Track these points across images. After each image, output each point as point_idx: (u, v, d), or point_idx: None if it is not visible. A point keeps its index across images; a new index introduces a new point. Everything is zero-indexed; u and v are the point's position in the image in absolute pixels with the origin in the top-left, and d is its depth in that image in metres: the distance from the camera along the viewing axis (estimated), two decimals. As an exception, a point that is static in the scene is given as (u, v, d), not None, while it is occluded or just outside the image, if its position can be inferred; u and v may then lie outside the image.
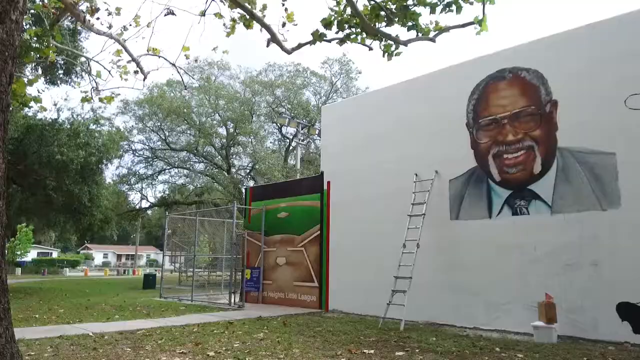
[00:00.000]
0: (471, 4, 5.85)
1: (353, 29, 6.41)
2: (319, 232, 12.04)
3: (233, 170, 28.31)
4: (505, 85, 9.06)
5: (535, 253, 8.21)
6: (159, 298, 14.59)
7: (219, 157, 28.06)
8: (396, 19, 6.06)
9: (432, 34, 6.14)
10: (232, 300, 12.18)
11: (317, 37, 6.41)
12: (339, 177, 11.84)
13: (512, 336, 7.85)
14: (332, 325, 8.83)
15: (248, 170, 28.83)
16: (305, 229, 12.42)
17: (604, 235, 7.52)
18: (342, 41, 6.53)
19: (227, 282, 14.30)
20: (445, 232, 9.47)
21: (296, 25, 6.74)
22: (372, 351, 6.40)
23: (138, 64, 8.00)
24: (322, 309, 11.47)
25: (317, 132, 26.11)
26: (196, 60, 9.92)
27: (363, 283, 10.53)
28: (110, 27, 7.66)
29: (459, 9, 5.86)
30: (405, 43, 6.30)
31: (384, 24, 6.21)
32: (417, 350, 6.53)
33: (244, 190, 17.49)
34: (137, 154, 27.21)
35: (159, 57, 8.01)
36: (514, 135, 8.80)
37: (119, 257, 72.40)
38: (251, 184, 27.73)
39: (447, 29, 6.10)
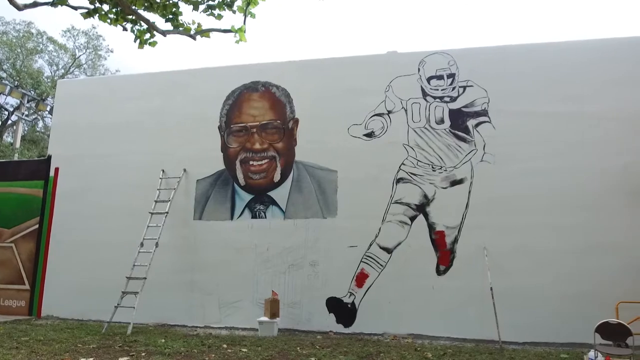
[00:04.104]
0: (234, 12, 6.03)
1: (105, 4, 5.75)
2: (37, 225, 10.25)
3: None
4: (258, 97, 9.68)
5: (267, 253, 8.96)
6: None
7: None
8: (157, 8, 5.73)
9: (193, 32, 6.06)
10: None
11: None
12: (70, 164, 10.36)
13: (240, 332, 8.34)
14: (44, 333, 7.61)
15: (-60, 142, 22.44)
16: (19, 222, 10.38)
17: (323, 240, 8.78)
18: (88, 14, 5.78)
19: None
20: (186, 232, 9.39)
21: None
22: (90, 359, 5.80)
23: None
24: (33, 315, 9.77)
25: (48, 109, 22.36)
26: None
27: (89, 285, 9.45)
28: None
29: (219, 17, 5.95)
30: (164, 33, 6.02)
31: (143, 8, 5.79)
32: (143, 354, 6.24)
33: None
34: None
35: None
36: (261, 144, 9.46)
37: None
38: (-57, 159, 21.67)
39: (207, 31, 6.11)
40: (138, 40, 5.99)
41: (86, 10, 5.74)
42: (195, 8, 5.78)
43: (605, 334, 5.65)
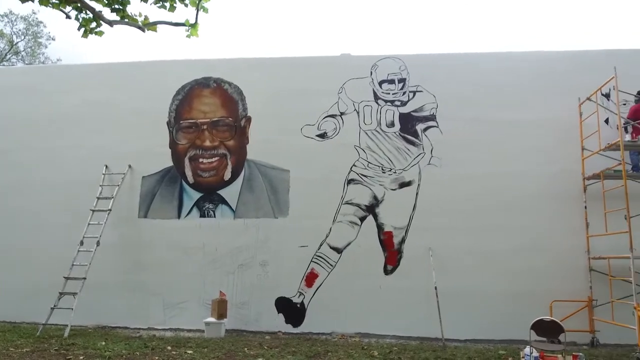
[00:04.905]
0: (186, 5, 5.86)
1: None
2: (-35, 222, 9.53)
3: None
4: (209, 93, 9.48)
5: (216, 253, 8.79)
6: None
7: None
8: None
9: (140, 23, 5.83)
10: None
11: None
12: (5, 157, 9.70)
13: (185, 334, 8.13)
14: (-30, 338, 7.10)
15: None
16: (-55, 217, 9.61)
17: (274, 239, 8.72)
18: None
19: None
20: (131, 231, 9.05)
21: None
22: (23, 365, 5.46)
23: None
24: (-42, 319, 9.08)
25: (-19, 98, 20.89)
26: None
27: (23, 285, 8.88)
28: None
29: (172, 8, 5.77)
30: (111, 23, 5.75)
31: None
32: (81, 357, 5.97)
33: None
34: None
35: None
36: (211, 141, 9.27)
37: None
38: None
39: (157, 23, 5.90)
40: (83, 29, 5.69)
41: (25, -8, 5.39)
42: (145, 0, 5.56)
43: (540, 331, 5.95)
